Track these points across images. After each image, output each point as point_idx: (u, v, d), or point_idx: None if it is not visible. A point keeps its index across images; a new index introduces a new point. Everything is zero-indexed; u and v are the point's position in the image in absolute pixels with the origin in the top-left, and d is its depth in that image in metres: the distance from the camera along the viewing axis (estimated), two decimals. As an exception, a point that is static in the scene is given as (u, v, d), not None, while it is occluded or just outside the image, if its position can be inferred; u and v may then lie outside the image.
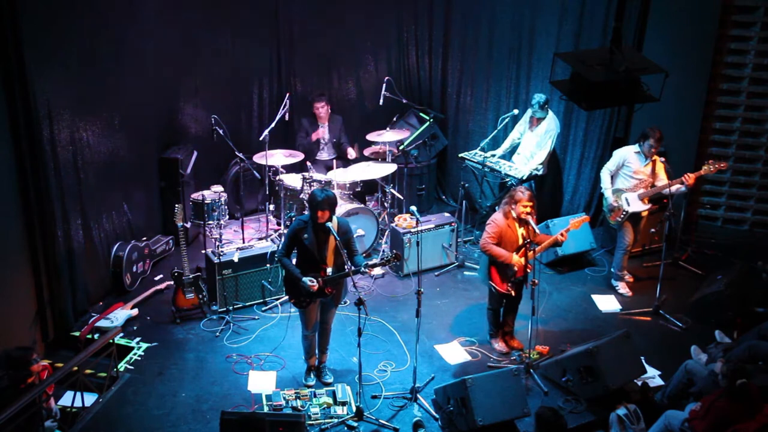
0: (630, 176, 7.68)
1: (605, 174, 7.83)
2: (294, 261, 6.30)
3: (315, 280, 6.11)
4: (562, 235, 6.66)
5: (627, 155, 7.70)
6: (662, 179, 7.63)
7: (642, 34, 8.52)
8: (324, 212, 6.04)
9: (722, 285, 7.45)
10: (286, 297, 6.74)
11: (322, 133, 9.08)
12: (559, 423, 5.15)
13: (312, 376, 6.65)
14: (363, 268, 6.10)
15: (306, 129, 9.16)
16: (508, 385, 5.95)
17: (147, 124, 8.28)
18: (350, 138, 9.32)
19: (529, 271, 6.66)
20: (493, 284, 6.71)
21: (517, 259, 6.57)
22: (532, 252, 6.55)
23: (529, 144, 8.54)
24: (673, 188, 7.59)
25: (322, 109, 9.00)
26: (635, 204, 7.67)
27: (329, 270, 6.18)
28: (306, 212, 6.35)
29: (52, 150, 6.72)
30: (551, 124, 8.43)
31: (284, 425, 5.56)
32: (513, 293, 6.73)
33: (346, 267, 6.11)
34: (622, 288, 8.03)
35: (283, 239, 6.32)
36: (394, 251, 6.88)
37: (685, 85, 8.43)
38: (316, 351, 6.63)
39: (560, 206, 9.32)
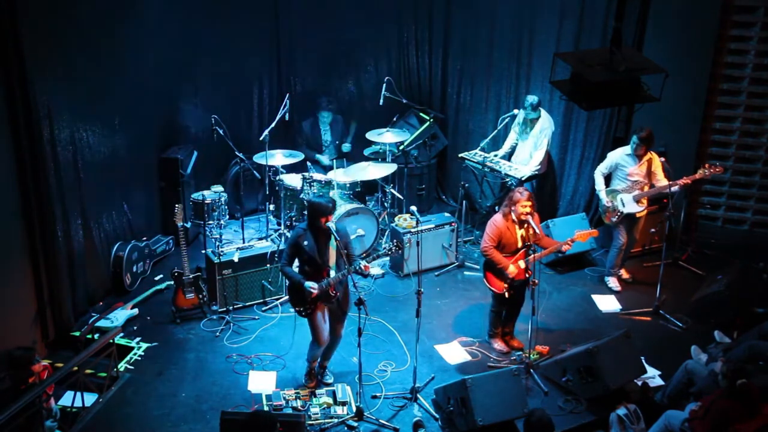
0: (625, 178, 7.68)
1: (598, 175, 7.85)
2: (297, 269, 6.31)
3: (315, 284, 6.11)
4: (567, 244, 6.65)
5: (619, 157, 7.70)
6: (660, 180, 7.62)
7: (642, 34, 8.51)
8: (330, 216, 6.08)
9: (722, 285, 7.45)
10: (290, 305, 6.64)
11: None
12: (543, 423, 5.19)
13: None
14: (362, 263, 6.10)
15: (307, 134, 9.16)
16: (508, 385, 5.95)
17: (147, 124, 8.28)
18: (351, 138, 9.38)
19: (529, 275, 6.65)
20: (489, 285, 6.71)
21: (513, 269, 6.57)
22: (532, 256, 6.54)
23: (527, 146, 8.55)
24: (671, 189, 7.54)
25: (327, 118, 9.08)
26: (630, 206, 7.67)
27: (332, 272, 6.19)
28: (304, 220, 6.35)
29: (52, 150, 6.71)
30: (545, 122, 8.44)
31: (284, 425, 5.56)
32: (508, 295, 6.71)
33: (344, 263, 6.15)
34: (612, 283, 8.05)
35: (284, 249, 6.31)
36: (395, 241, 6.85)
37: (685, 85, 8.42)
38: (319, 357, 6.62)
39: (560, 207, 9.32)
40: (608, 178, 7.85)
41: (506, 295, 6.70)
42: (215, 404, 6.30)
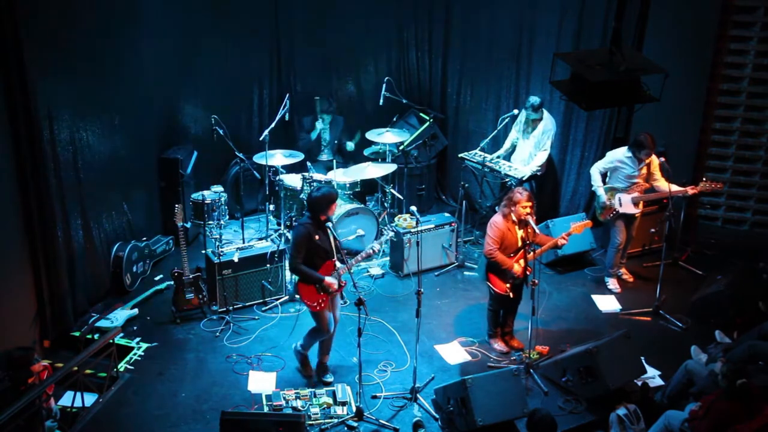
0: (623, 179, 7.69)
1: (595, 172, 7.84)
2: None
3: (334, 279, 6.25)
4: (563, 238, 6.67)
5: (618, 158, 7.69)
6: (658, 179, 7.62)
7: (642, 34, 8.51)
8: (335, 204, 6.23)
9: (722, 285, 7.45)
10: (302, 301, 6.53)
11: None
12: (546, 422, 5.20)
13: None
14: (375, 245, 6.40)
15: (307, 128, 9.17)
16: (508, 385, 5.95)
17: (147, 124, 8.28)
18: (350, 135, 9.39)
19: (528, 273, 6.66)
20: (492, 286, 6.72)
21: (518, 268, 6.58)
22: (532, 254, 6.55)
23: (527, 146, 8.55)
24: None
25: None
26: (627, 206, 7.67)
27: (337, 263, 6.30)
28: (306, 214, 6.35)
29: (52, 150, 6.71)
30: (548, 124, 8.44)
31: (284, 425, 5.56)
32: (512, 295, 6.73)
33: (343, 257, 6.30)
34: (612, 284, 8.05)
35: (293, 248, 6.23)
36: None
37: (685, 86, 8.42)
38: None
39: (560, 207, 9.32)
40: (606, 176, 7.86)
41: (510, 295, 6.70)
42: (215, 404, 6.30)
